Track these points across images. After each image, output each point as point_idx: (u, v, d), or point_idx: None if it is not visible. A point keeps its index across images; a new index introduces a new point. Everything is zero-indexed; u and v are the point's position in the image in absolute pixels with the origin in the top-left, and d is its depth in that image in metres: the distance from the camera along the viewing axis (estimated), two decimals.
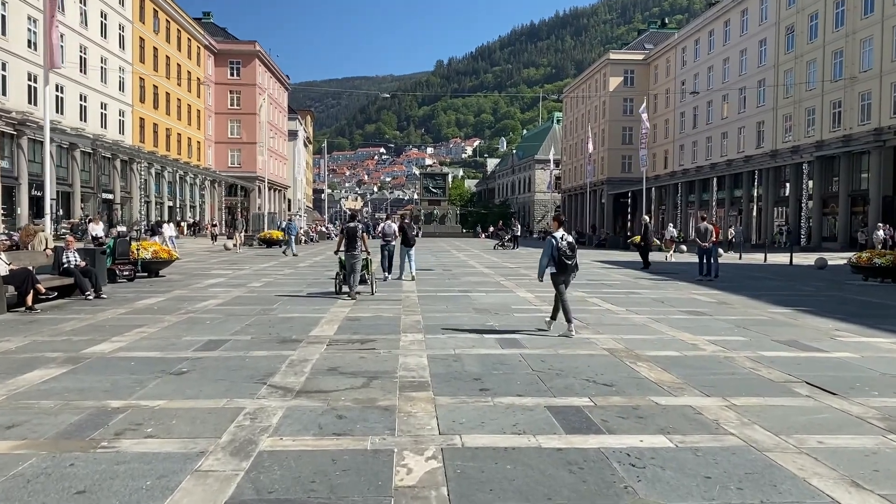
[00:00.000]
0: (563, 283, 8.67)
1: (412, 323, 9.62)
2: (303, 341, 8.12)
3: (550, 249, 8.57)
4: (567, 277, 8.69)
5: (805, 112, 44.45)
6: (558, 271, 8.58)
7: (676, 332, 9.13)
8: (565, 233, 8.78)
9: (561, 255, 8.49)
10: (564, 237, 8.65)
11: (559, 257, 8.50)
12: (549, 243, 8.66)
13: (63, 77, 39.32)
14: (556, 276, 8.64)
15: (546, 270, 8.74)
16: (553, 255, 8.55)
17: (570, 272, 8.66)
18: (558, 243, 8.54)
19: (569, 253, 8.50)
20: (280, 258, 26.40)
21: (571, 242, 8.68)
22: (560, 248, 8.50)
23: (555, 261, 8.56)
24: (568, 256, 8.50)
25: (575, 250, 8.64)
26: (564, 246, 8.52)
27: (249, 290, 14.21)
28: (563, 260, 8.49)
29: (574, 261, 8.62)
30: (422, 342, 8.08)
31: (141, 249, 16.56)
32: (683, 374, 6.52)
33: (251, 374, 6.39)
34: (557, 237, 8.63)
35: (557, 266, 8.56)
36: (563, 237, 8.64)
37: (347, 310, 11.04)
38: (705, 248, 17.82)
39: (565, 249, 8.50)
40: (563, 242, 8.56)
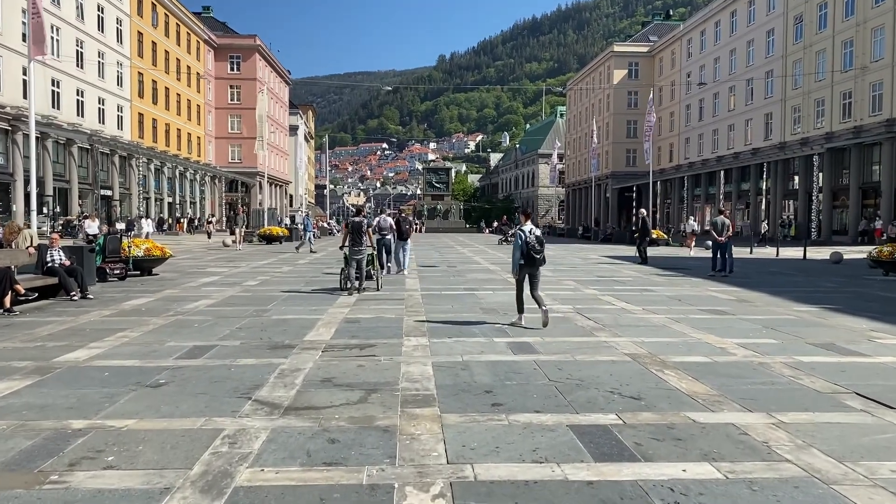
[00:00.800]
0: (526, 274, 8.84)
1: (415, 325, 8.96)
2: (296, 347, 7.46)
3: (521, 244, 8.66)
4: (534, 270, 8.83)
5: (814, 103, 43.61)
6: (526, 263, 8.71)
7: (700, 333, 8.45)
8: (533, 227, 8.82)
9: (529, 248, 8.59)
10: (532, 231, 8.71)
11: (527, 250, 8.60)
12: (517, 238, 8.74)
13: (59, 72, 38.70)
14: (523, 267, 8.76)
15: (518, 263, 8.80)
16: (522, 249, 8.62)
17: (538, 265, 8.78)
18: (527, 237, 8.61)
19: (537, 247, 8.62)
20: (280, 255, 25.75)
21: (539, 236, 8.74)
22: (528, 242, 8.59)
23: (523, 254, 8.65)
24: (536, 250, 8.61)
25: (542, 244, 8.71)
26: (532, 240, 8.61)
27: (244, 289, 13.56)
28: (532, 253, 8.60)
29: (541, 255, 8.70)
30: (426, 347, 7.42)
31: (133, 247, 15.91)
32: (718, 384, 5.84)
33: (235, 387, 5.73)
34: (526, 231, 8.68)
35: (526, 259, 8.67)
36: (531, 231, 8.70)
37: (347, 310, 10.37)
38: (721, 242, 17.11)
39: (533, 243, 8.60)
40: (532, 236, 8.64)
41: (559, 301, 11.62)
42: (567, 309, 10.63)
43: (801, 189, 44.47)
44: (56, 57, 37.97)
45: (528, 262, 8.71)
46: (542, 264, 8.88)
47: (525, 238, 8.62)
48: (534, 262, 8.70)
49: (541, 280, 9.18)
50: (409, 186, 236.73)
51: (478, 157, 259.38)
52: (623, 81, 70.76)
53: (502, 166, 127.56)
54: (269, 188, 74.65)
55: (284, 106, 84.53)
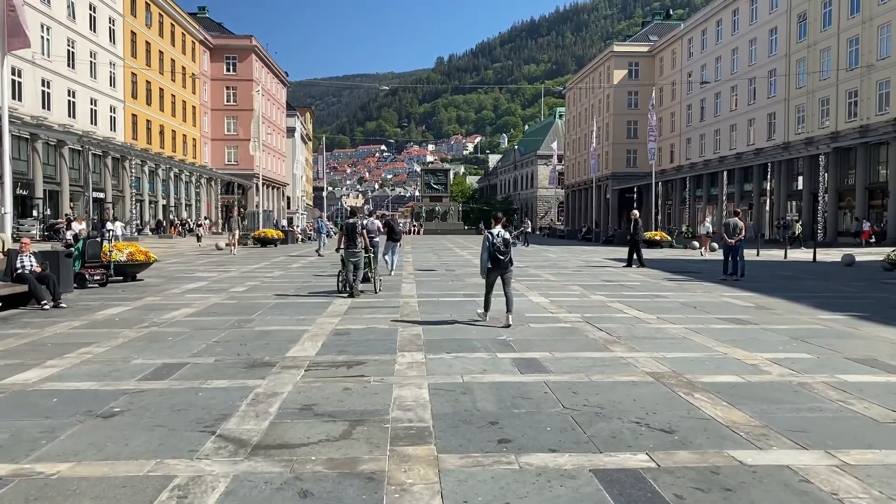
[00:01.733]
0: (496, 277, 9.10)
1: (411, 337, 8.16)
2: (276, 365, 6.65)
3: (488, 246, 8.95)
4: (503, 272, 9.06)
5: (819, 102, 42.88)
6: (493, 265, 8.98)
7: (726, 347, 7.65)
8: (502, 230, 9.08)
9: (494, 250, 8.88)
10: (500, 234, 8.98)
11: (493, 252, 8.89)
12: (485, 240, 9.06)
13: (49, 71, 37.89)
14: (492, 270, 9.03)
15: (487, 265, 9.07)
16: (489, 251, 8.91)
17: (504, 268, 9.02)
18: (493, 239, 8.93)
19: (502, 249, 8.89)
20: (273, 259, 24.94)
21: (506, 239, 9.00)
22: (494, 244, 8.89)
23: (490, 256, 8.92)
24: (501, 252, 8.89)
25: (509, 246, 9.00)
26: (499, 242, 8.90)
27: (230, 296, 12.75)
28: (496, 255, 8.88)
29: (507, 256, 8.96)
30: (422, 365, 6.61)
31: (115, 251, 15.10)
32: (759, 412, 5.05)
33: (200, 417, 4.93)
34: (493, 234, 8.99)
35: (492, 261, 8.95)
36: (498, 234, 8.98)
37: (337, 320, 9.57)
38: (732, 245, 16.32)
39: (499, 245, 8.88)
40: (498, 239, 8.93)
41: (566, 309, 10.82)
42: (575, 318, 9.83)
43: (805, 190, 43.74)
44: (45, 56, 37.17)
45: (495, 265, 8.98)
46: (510, 265, 9.09)
47: (492, 241, 8.90)
48: (499, 264, 8.96)
49: (543, 284, 8.33)
50: (407, 188, 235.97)
51: (476, 159, 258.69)
52: (623, 81, 70.04)
53: (501, 168, 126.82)
54: (266, 190, 73.83)
55: (282, 108, 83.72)
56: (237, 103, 66.98)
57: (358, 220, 12.55)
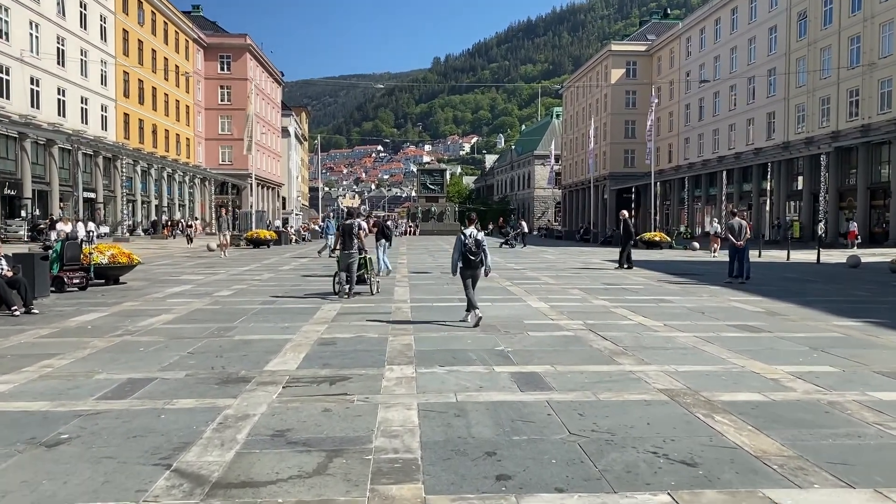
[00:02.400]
0: (469, 276, 9.19)
1: (401, 348, 7.57)
2: (252, 381, 6.05)
3: (459, 245, 9.16)
4: (474, 272, 9.21)
5: (819, 102, 42.40)
6: (465, 265, 9.16)
7: (741, 358, 7.07)
8: (475, 230, 9.26)
9: (466, 250, 9.05)
10: (472, 235, 9.15)
11: (464, 253, 9.06)
12: (457, 240, 9.27)
13: (38, 69, 37.20)
14: (463, 269, 9.20)
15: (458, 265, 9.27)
16: (461, 251, 9.08)
17: (476, 268, 9.17)
18: (465, 240, 9.09)
19: (473, 249, 9.05)
20: (264, 260, 24.33)
21: (478, 240, 9.14)
22: (466, 244, 9.06)
23: (462, 256, 9.09)
24: (473, 252, 9.05)
25: (480, 246, 9.12)
26: (470, 242, 9.07)
27: (214, 300, 12.14)
28: (468, 255, 9.05)
29: (479, 257, 9.11)
30: (411, 381, 6.02)
31: (96, 253, 14.48)
32: (790, 439, 4.47)
33: (157, 446, 4.33)
34: (466, 234, 9.17)
35: (463, 261, 9.13)
36: (470, 234, 9.15)
37: (323, 328, 8.97)
38: (738, 246, 15.77)
39: (470, 245, 9.05)
40: (470, 239, 9.09)
41: (567, 315, 10.24)
42: (578, 325, 9.24)
43: (805, 190, 43.27)
44: (34, 54, 36.49)
45: (466, 264, 9.16)
46: (481, 266, 9.21)
47: (464, 241, 9.09)
48: (470, 264, 9.12)
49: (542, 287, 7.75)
50: (403, 189, 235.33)
51: (473, 160, 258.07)
52: (621, 81, 69.52)
53: (497, 168, 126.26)
54: (261, 190, 73.15)
55: (276, 107, 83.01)
56: (231, 102, 66.25)
57: (355, 220, 12.47)
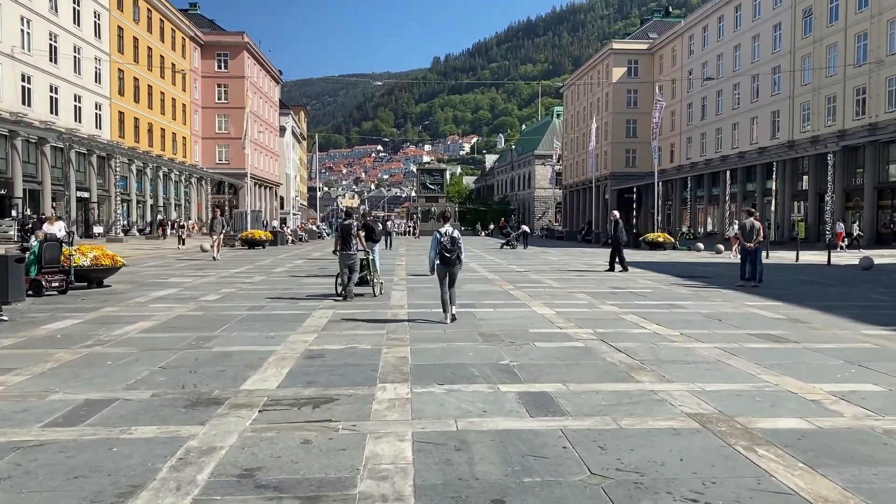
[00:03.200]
0: (446, 274, 9.32)
1: (396, 362, 6.87)
2: (225, 402, 5.35)
3: (435, 244, 9.27)
4: (451, 269, 9.32)
5: (825, 100, 41.71)
6: (441, 262, 9.26)
7: (771, 374, 6.38)
8: (450, 228, 9.38)
9: (442, 248, 9.17)
10: (447, 233, 9.26)
11: (441, 251, 9.17)
12: (433, 238, 9.36)
13: (30, 66, 36.50)
14: (440, 267, 9.31)
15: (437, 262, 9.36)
16: (438, 249, 9.20)
17: (452, 265, 9.30)
18: (441, 238, 9.20)
19: (449, 247, 9.18)
20: (258, 262, 23.65)
21: (454, 238, 9.28)
22: (441, 242, 9.18)
23: (439, 254, 9.21)
24: (448, 250, 9.17)
25: (456, 244, 9.25)
26: (446, 240, 9.19)
27: (198, 306, 11.43)
28: (444, 253, 9.17)
29: (455, 254, 9.24)
30: (406, 403, 5.32)
31: (77, 255, 13.78)
32: (853, 481, 3.77)
33: (100, 490, 3.63)
34: (441, 232, 9.27)
35: (440, 259, 9.23)
36: (446, 232, 9.26)
37: (312, 337, 8.27)
38: (750, 248, 15.07)
39: (446, 243, 9.17)
40: (446, 237, 9.21)
41: (575, 322, 9.53)
42: (588, 335, 8.54)
43: (811, 189, 42.63)
44: (25, 50, 35.78)
45: (443, 262, 9.27)
46: (457, 263, 9.35)
47: (440, 239, 9.20)
48: (447, 261, 9.24)
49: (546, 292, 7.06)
50: (403, 189, 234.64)
51: (473, 160, 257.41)
52: (622, 79, 68.82)
53: (498, 168, 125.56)
54: (258, 190, 72.47)
55: (274, 106, 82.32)
56: (229, 101, 65.53)
57: (353, 221, 12.40)
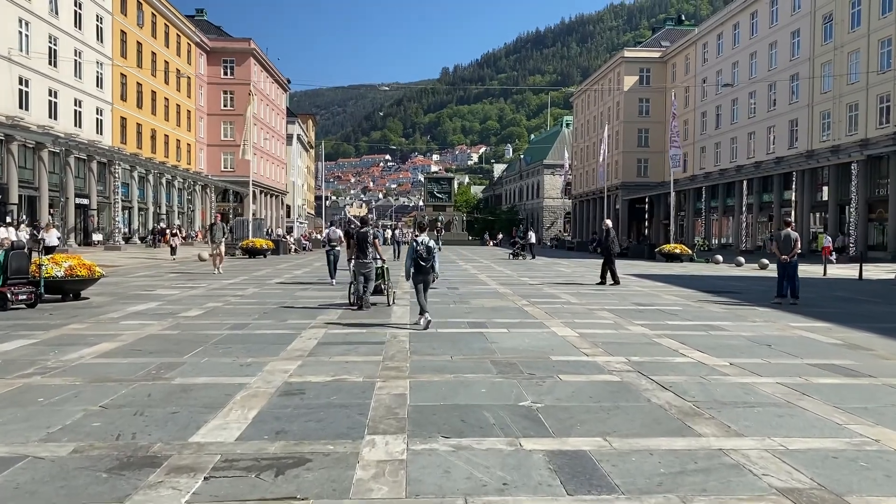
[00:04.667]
0: (420, 281, 9.44)
1: (391, 401, 5.58)
2: (164, 464, 4.07)
3: (412, 252, 9.36)
4: (425, 277, 9.42)
5: (846, 108, 40.30)
6: (417, 270, 9.36)
7: (863, 424, 5.05)
8: (426, 238, 9.43)
9: (417, 256, 9.27)
10: (424, 242, 9.34)
11: (416, 259, 9.27)
12: (410, 247, 9.48)
13: (28, 69, 35.59)
14: (415, 275, 9.40)
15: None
16: (413, 258, 9.29)
17: (427, 273, 9.39)
18: (418, 247, 9.29)
19: (424, 255, 9.27)
20: (255, 272, 22.41)
21: (429, 247, 9.37)
22: (417, 251, 9.26)
23: (414, 262, 9.31)
24: (423, 258, 9.27)
25: (431, 253, 9.33)
26: (422, 249, 9.28)
27: (175, 323, 10.18)
28: (419, 261, 9.27)
29: (431, 263, 9.31)
30: (399, 469, 4.02)
31: (50, 265, 12.58)
32: None
33: None
34: (418, 241, 9.36)
35: (415, 267, 9.33)
36: (422, 241, 9.34)
37: (294, 366, 6.99)
38: (787, 261, 13.71)
39: (422, 252, 9.26)
40: (421, 246, 9.29)
41: (603, 348, 8.22)
42: (621, 365, 7.22)
43: (831, 200, 41.13)
44: (23, 53, 34.88)
45: (418, 270, 9.38)
46: (432, 272, 9.43)
47: (416, 248, 9.31)
48: (422, 269, 9.36)
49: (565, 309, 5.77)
50: (411, 198, 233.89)
51: (481, 169, 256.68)
52: (634, 88, 67.59)
53: (506, 177, 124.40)
54: (264, 198, 71.49)
55: (281, 114, 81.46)
56: (234, 108, 64.62)
57: (369, 229, 12.08)
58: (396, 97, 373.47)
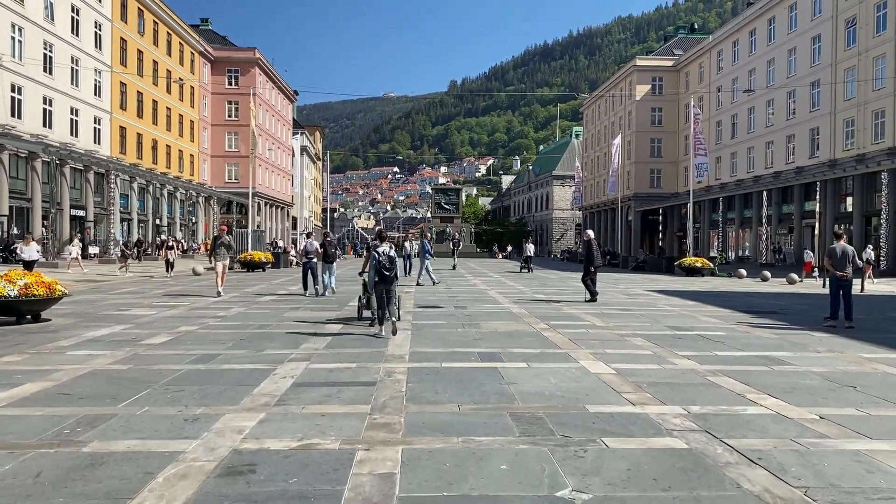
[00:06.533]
0: (383, 290, 9.89)
1: (374, 486, 3.94)
2: None
3: (375, 262, 9.78)
4: (388, 287, 9.89)
5: (872, 115, 38.55)
6: (380, 280, 9.82)
7: None
8: (387, 247, 9.99)
9: (380, 266, 9.72)
10: (385, 252, 9.84)
11: (378, 268, 9.73)
12: (372, 257, 9.93)
13: (21, 76, 34.40)
14: (377, 284, 9.87)
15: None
16: (376, 268, 9.74)
17: (390, 283, 9.88)
18: (379, 257, 9.75)
19: (387, 265, 9.77)
20: (245, 287, 20.84)
21: (391, 257, 9.85)
22: (380, 261, 9.74)
23: (377, 272, 9.75)
24: (386, 268, 9.76)
25: (394, 262, 9.88)
26: (384, 259, 9.76)
27: (131, 354, 8.57)
28: (382, 271, 9.75)
29: (393, 272, 9.83)
30: None
31: (2, 283, 11.05)
32: None
33: None
34: (380, 251, 9.83)
35: (378, 276, 9.79)
36: (384, 252, 9.83)
37: (253, 422, 5.36)
38: (843, 278, 12.01)
39: (384, 262, 9.75)
40: (384, 256, 9.78)
41: (651, 391, 6.52)
42: (680, 419, 5.53)
43: (855, 211, 39.29)
44: (16, 59, 33.69)
45: (381, 279, 9.74)
46: (395, 280, 9.91)
47: (378, 258, 9.67)
48: (385, 279, 9.73)
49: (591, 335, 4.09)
50: (419, 210, 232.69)
51: (489, 181, 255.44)
52: (646, 97, 66.02)
53: (515, 189, 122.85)
54: (269, 210, 70.18)
55: (287, 124, 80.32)
56: (239, 118, 63.49)
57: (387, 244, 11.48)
58: (405, 110, 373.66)
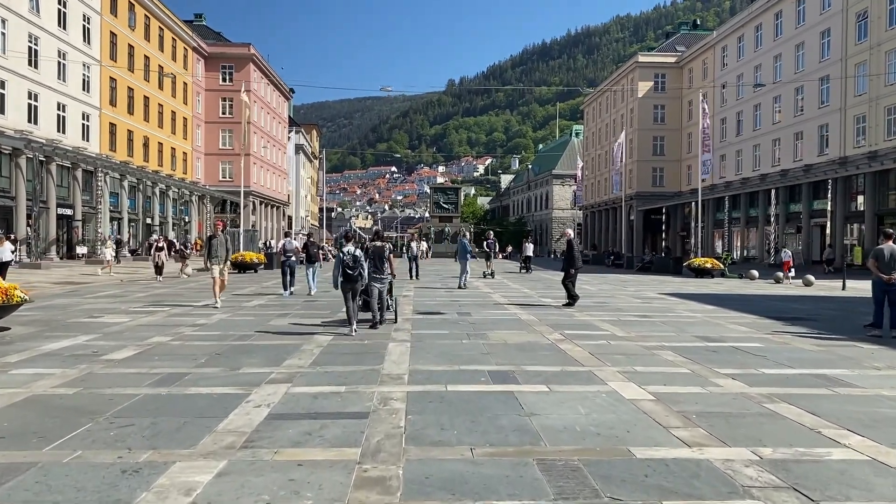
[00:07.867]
0: (349, 290, 10.11)
1: None
2: None
3: (339, 263, 10.01)
4: (353, 286, 10.09)
5: (884, 111, 37.45)
6: (345, 279, 10.02)
7: None
8: (352, 248, 10.12)
9: (345, 266, 9.91)
10: (350, 252, 10.01)
11: (343, 268, 9.93)
12: (337, 257, 10.16)
13: (4, 70, 33.09)
14: (343, 283, 10.07)
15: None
16: (342, 267, 9.93)
17: (355, 281, 10.04)
18: (344, 257, 9.95)
19: (351, 264, 9.93)
20: (234, 291, 19.62)
21: (356, 256, 10.01)
22: (344, 261, 9.92)
23: (342, 272, 9.95)
24: (350, 268, 9.93)
25: (357, 262, 9.99)
26: (348, 259, 9.93)
27: (84, 373, 7.35)
28: (346, 270, 9.94)
29: (357, 271, 9.98)
30: None
31: None
32: None
33: None
34: (344, 252, 10.03)
35: (343, 276, 9.98)
36: (348, 251, 10.02)
37: (208, 476, 4.16)
38: (891, 282, 10.82)
39: (348, 261, 9.93)
40: (348, 256, 9.96)
41: (706, 428, 5.32)
42: (755, 470, 4.33)
43: (867, 210, 38.15)
44: (1, 53, 32.45)
45: (346, 279, 10.03)
46: (359, 280, 10.07)
47: (342, 258, 9.98)
48: (350, 278, 10.01)
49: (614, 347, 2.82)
50: (417, 209, 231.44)
51: (487, 181, 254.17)
52: (648, 94, 64.87)
53: (513, 188, 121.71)
54: (264, 209, 68.93)
55: (283, 122, 79.04)
56: (233, 115, 62.09)
57: (386, 244, 11.51)
58: (402, 109, 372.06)
